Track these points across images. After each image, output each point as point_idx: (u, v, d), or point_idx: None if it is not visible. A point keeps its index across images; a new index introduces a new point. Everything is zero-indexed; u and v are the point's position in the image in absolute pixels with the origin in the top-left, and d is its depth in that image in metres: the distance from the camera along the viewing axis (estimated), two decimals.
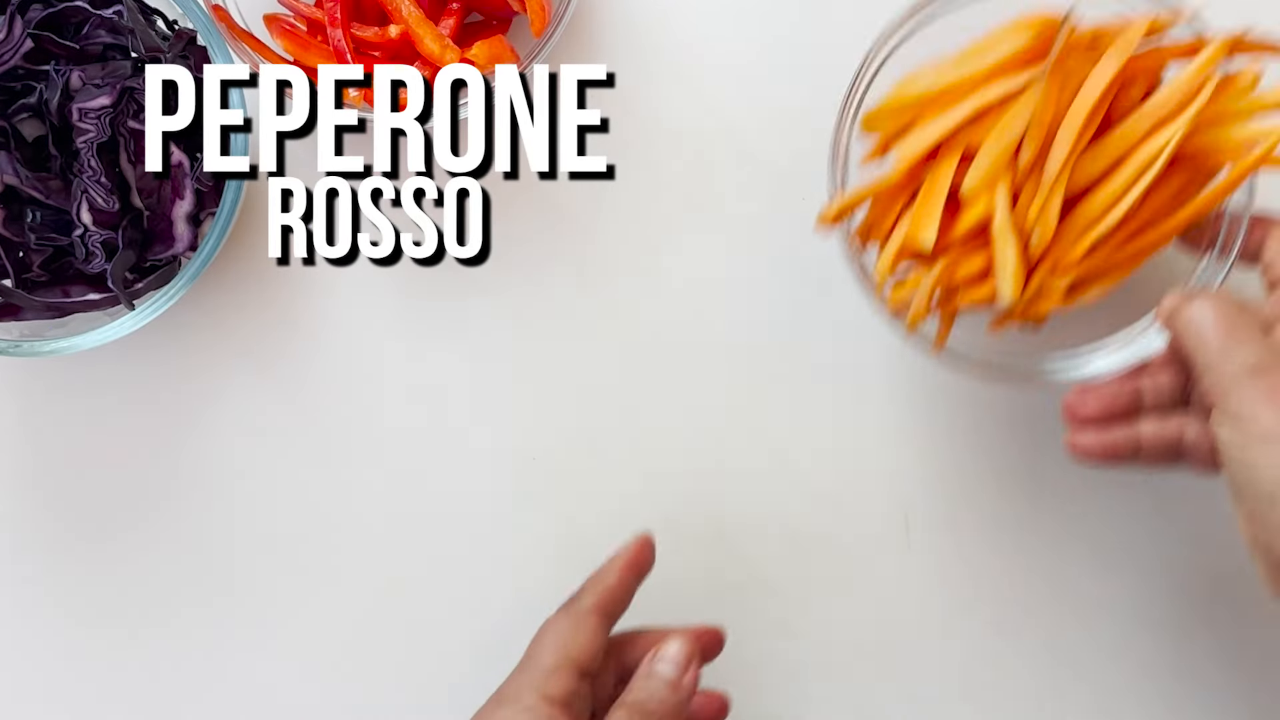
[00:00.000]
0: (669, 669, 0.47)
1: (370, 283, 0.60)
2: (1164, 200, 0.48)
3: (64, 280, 0.56)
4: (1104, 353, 0.51)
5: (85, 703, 0.60)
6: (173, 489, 0.60)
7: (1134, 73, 0.47)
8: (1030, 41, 0.47)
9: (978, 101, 0.47)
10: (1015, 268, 0.47)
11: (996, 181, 0.47)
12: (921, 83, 0.49)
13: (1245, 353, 0.43)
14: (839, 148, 0.50)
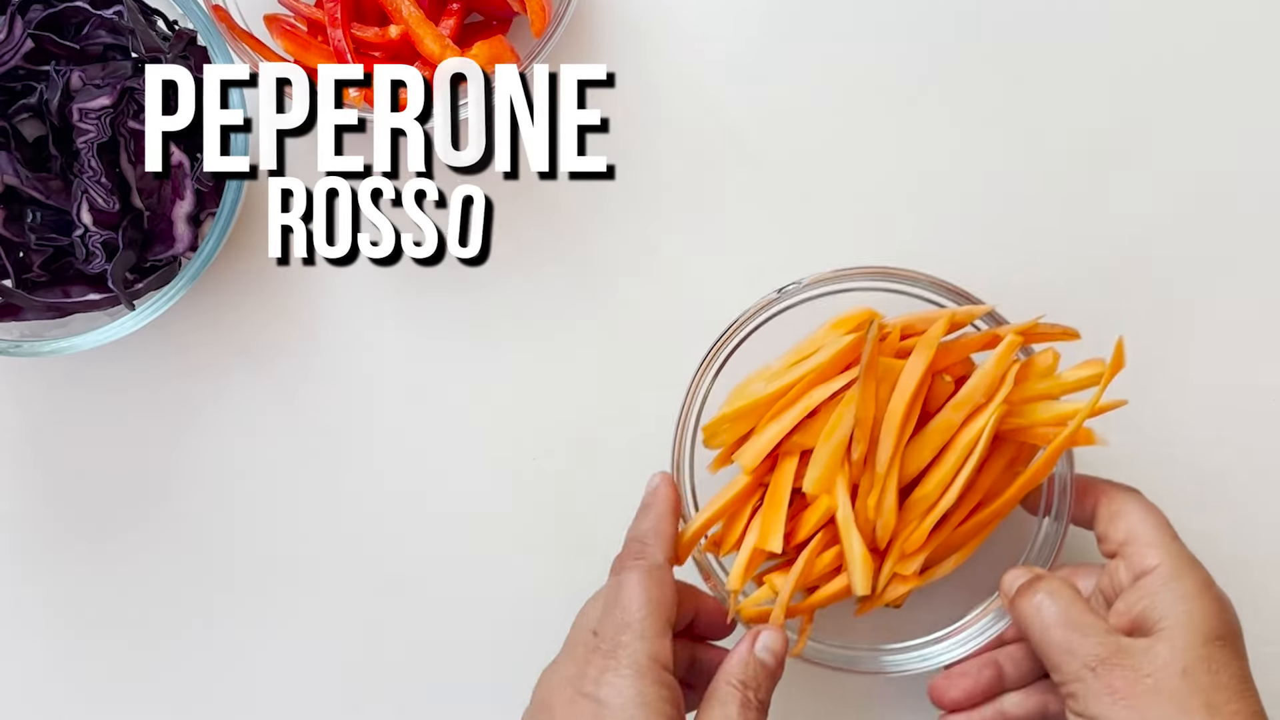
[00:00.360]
0: (771, 660, 0.48)
1: (370, 283, 0.60)
2: (995, 476, 0.51)
3: (64, 280, 0.56)
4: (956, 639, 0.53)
5: (85, 702, 0.60)
6: (173, 488, 0.60)
7: (943, 365, 0.50)
8: (847, 345, 0.51)
9: (805, 405, 0.51)
10: (864, 560, 0.50)
11: (833, 481, 0.50)
12: (752, 391, 0.52)
13: (1087, 647, 0.46)
14: (680, 462, 0.53)
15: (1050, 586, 0.48)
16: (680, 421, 0.53)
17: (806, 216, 0.59)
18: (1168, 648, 0.45)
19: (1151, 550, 0.48)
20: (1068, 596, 0.48)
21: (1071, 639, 0.46)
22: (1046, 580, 0.48)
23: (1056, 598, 0.47)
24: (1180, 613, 0.46)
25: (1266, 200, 0.59)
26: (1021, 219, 0.59)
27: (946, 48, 0.59)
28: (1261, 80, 0.59)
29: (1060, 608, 0.47)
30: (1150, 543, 0.48)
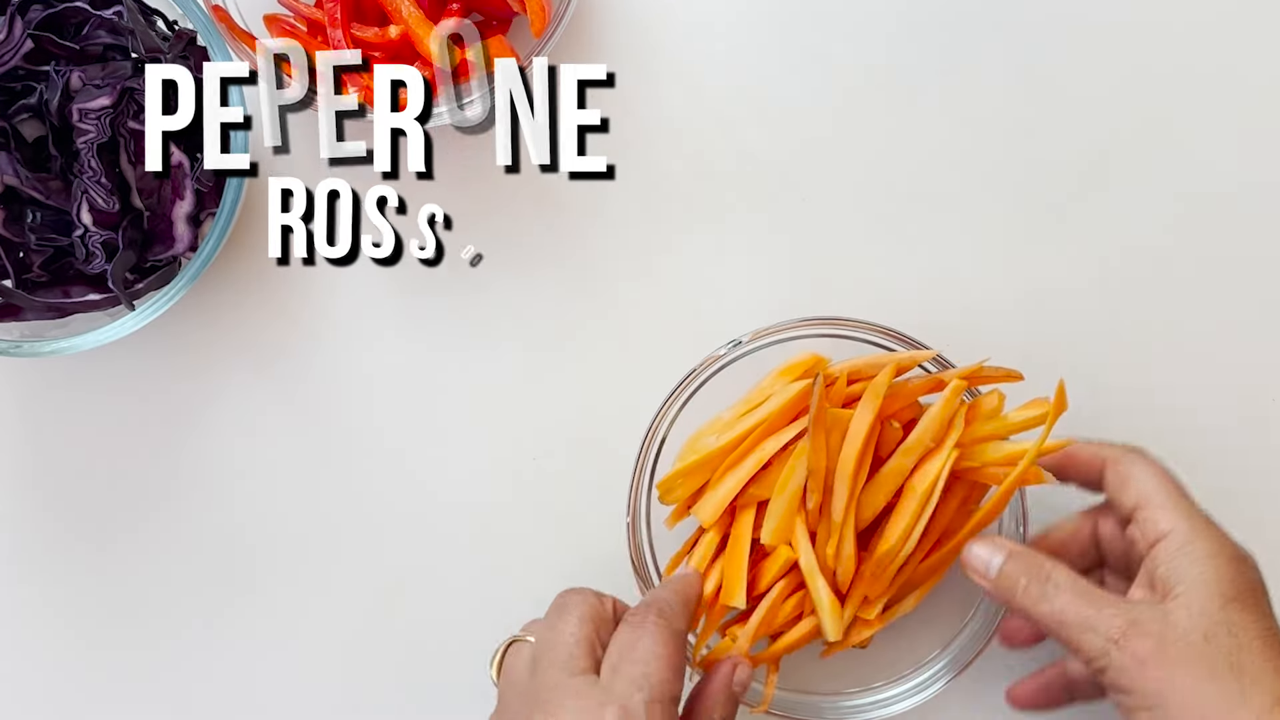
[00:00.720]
0: (742, 693, 0.49)
1: (370, 283, 0.60)
2: (950, 515, 0.52)
3: (64, 280, 0.56)
4: (915, 683, 0.54)
5: (85, 701, 0.60)
6: (173, 488, 0.60)
7: (890, 411, 0.51)
8: (795, 395, 0.51)
9: (759, 458, 0.51)
10: (832, 606, 0.50)
11: (791, 532, 0.51)
12: (704, 445, 0.53)
13: (1105, 620, 0.45)
14: (636, 517, 0.54)
15: (1056, 575, 0.47)
16: (635, 476, 0.53)
17: (806, 216, 0.59)
18: (1185, 614, 0.45)
19: (1163, 514, 0.48)
20: (1068, 576, 0.47)
21: (1087, 615, 0.46)
22: (1053, 569, 0.48)
23: (1059, 582, 0.47)
24: (1195, 577, 0.45)
25: (1213, 236, 0.59)
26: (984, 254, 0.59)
27: (948, 50, 0.59)
28: (1222, 109, 0.59)
29: (1067, 590, 0.47)
30: (1161, 505, 0.48)
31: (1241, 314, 0.59)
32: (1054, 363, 0.56)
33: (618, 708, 0.42)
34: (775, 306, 0.58)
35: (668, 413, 0.53)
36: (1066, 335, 0.58)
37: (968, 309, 0.58)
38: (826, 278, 0.59)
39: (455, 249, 0.58)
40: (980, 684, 0.57)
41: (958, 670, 0.53)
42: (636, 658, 0.44)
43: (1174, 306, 0.58)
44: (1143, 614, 0.45)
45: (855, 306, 0.56)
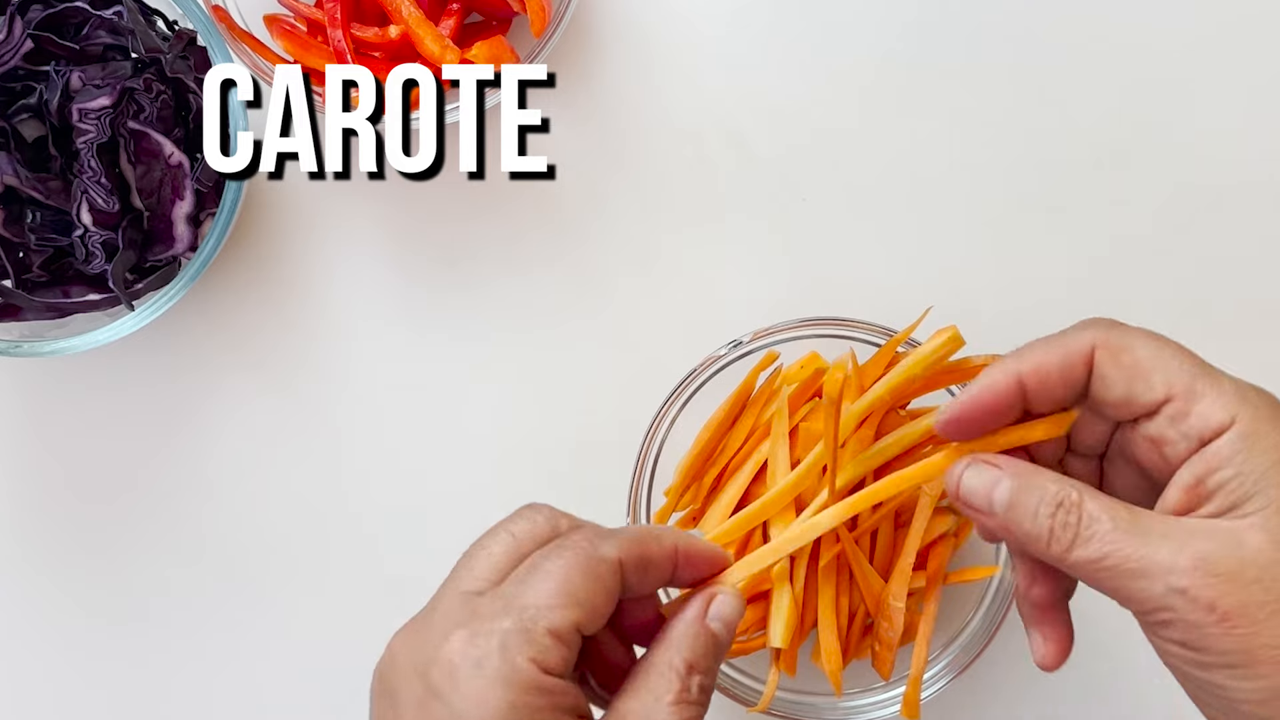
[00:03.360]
0: (724, 631, 0.38)
1: (371, 283, 0.60)
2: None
3: (64, 281, 0.56)
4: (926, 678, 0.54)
5: (85, 701, 0.60)
6: (172, 488, 0.60)
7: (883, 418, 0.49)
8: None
9: (755, 460, 0.52)
10: (789, 615, 0.47)
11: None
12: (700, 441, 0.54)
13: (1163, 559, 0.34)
14: (636, 520, 0.54)
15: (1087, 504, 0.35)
16: (635, 476, 0.54)
17: (805, 216, 0.59)
18: (1265, 537, 0.33)
19: (1213, 401, 0.35)
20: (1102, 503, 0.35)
21: (1139, 556, 0.34)
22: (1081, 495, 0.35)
23: (1093, 513, 0.35)
24: (1274, 485, 0.33)
25: (1212, 235, 0.59)
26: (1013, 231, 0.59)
27: (947, 50, 0.59)
28: (1221, 108, 0.59)
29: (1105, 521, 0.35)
30: (1205, 392, 0.35)
31: (1242, 313, 0.59)
32: None
33: (467, 630, 0.34)
34: (775, 306, 0.58)
35: (668, 413, 0.53)
36: None
37: (967, 308, 0.58)
38: (826, 278, 0.59)
39: (452, 249, 0.58)
40: (980, 685, 0.57)
41: (958, 671, 0.53)
42: (527, 578, 0.35)
43: (1175, 306, 0.58)
44: (1210, 544, 0.33)
45: (855, 307, 0.56)
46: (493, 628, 0.33)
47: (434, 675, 0.33)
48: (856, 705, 0.54)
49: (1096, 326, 0.37)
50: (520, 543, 0.37)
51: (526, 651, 0.33)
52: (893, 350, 0.50)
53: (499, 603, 0.34)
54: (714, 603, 0.38)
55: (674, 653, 0.36)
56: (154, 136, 0.54)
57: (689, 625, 0.37)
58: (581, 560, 0.35)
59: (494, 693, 0.32)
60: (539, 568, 0.35)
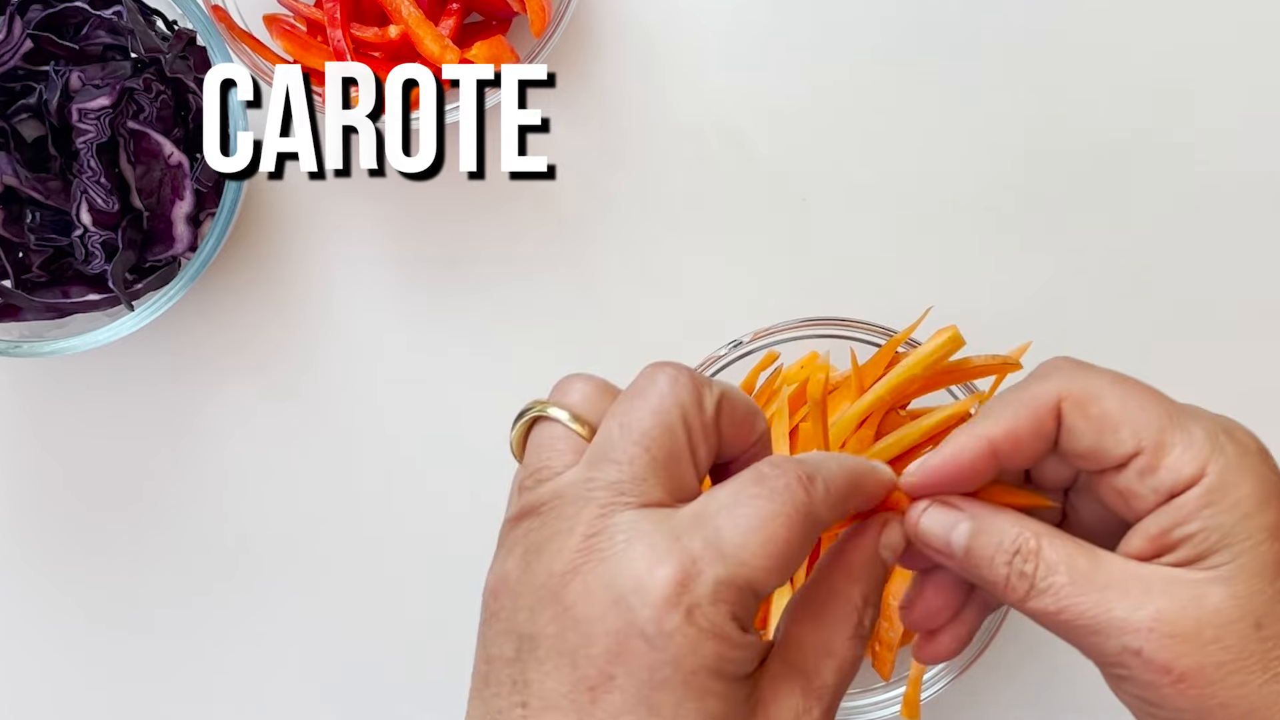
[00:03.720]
0: (892, 559, 0.36)
1: (370, 283, 0.60)
2: None
3: (64, 281, 0.56)
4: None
5: (85, 700, 0.60)
6: (172, 488, 0.60)
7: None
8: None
9: None
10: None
11: None
12: None
13: (1120, 616, 0.33)
14: None
15: (1047, 552, 0.34)
16: None
17: (806, 216, 0.59)
18: (1227, 593, 0.32)
19: (1183, 452, 0.34)
20: (1062, 551, 0.34)
21: (1095, 612, 0.33)
22: (1041, 540, 0.35)
23: (1051, 562, 0.34)
24: (1243, 539, 0.33)
25: (1217, 237, 0.59)
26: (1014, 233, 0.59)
27: (948, 50, 0.59)
28: (1222, 108, 0.59)
29: (1063, 572, 0.34)
30: (1175, 441, 0.34)
31: (1243, 314, 0.59)
32: None
33: (676, 571, 0.30)
34: (775, 306, 0.58)
35: None
36: (1067, 335, 0.58)
37: (967, 309, 0.58)
38: (826, 278, 0.59)
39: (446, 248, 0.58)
40: (980, 685, 0.57)
41: (958, 671, 0.53)
42: (739, 518, 0.31)
43: (1175, 306, 0.58)
44: (1168, 601, 0.32)
45: (855, 307, 0.56)
46: (706, 574, 0.31)
47: (640, 612, 0.30)
48: (857, 705, 0.54)
49: (1061, 374, 0.36)
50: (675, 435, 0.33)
51: (735, 609, 0.31)
52: (893, 350, 0.50)
53: (707, 536, 0.31)
54: (886, 531, 0.36)
55: (851, 583, 0.35)
56: (154, 136, 0.54)
57: (866, 553, 0.35)
58: (800, 519, 0.32)
59: (706, 646, 0.30)
60: (752, 506, 0.32)
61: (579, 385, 0.35)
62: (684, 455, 0.33)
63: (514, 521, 0.34)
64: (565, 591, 0.31)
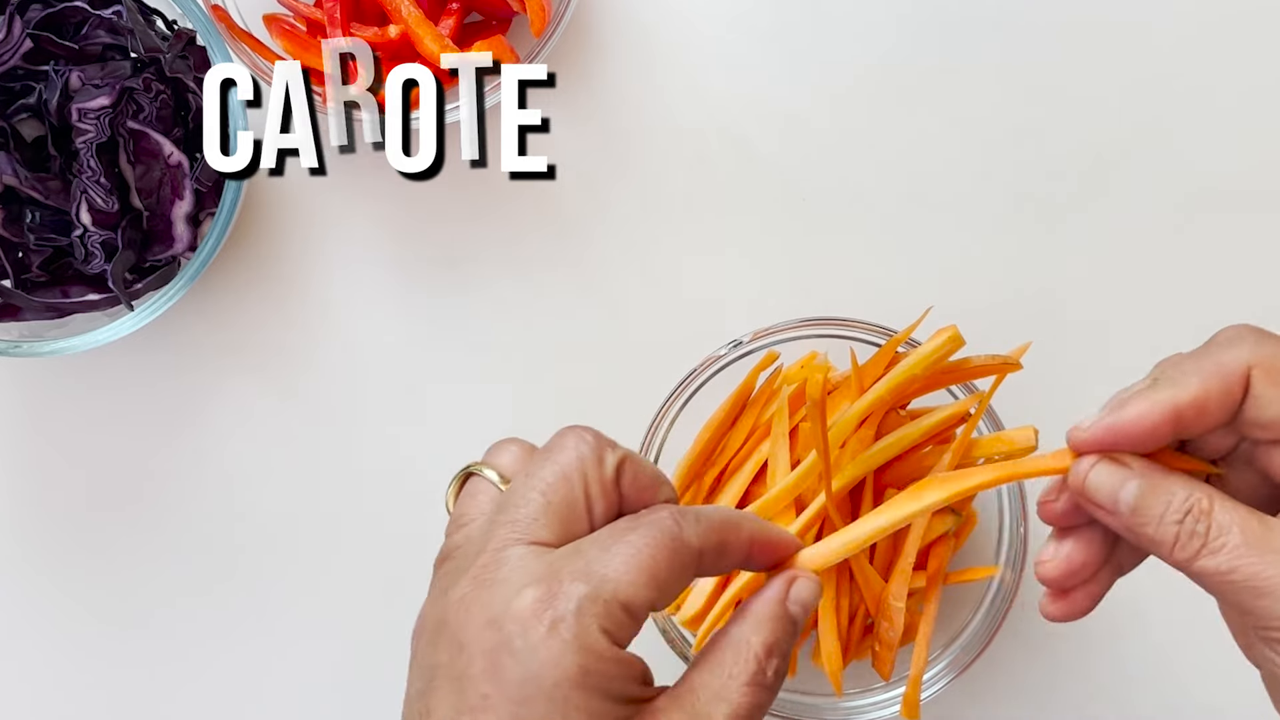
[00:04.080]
0: (801, 615, 0.37)
1: (370, 283, 0.60)
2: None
3: (63, 280, 0.56)
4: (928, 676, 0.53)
5: (85, 700, 0.60)
6: (172, 488, 0.60)
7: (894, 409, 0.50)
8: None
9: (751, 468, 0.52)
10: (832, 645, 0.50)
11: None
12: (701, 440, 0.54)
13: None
14: None
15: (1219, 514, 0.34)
16: None
17: (806, 216, 0.59)
18: None
19: None
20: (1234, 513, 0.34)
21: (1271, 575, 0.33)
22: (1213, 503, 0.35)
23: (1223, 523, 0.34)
24: None
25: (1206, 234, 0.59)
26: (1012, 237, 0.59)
27: (948, 50, 0.59)
28: (1222, 109, 0.59)
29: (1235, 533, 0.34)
30: None
31: (1243, 313, 0.58)
32: (1054, 363, 0.56)
33: (544, 589, 0.32)
34: (775, 306, 0.58)
35: (668, 412, 0.53)
36: (1067, 335, 0.58)
37: (967, 309, 0.57)
38: (826, 278, 0.59)
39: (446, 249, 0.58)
40: (980, 685, 0.57)
41: (958, 671, 0.53)
42: (610, 546, 0.34)
43: (1176, 306, 0.58)
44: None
45: (855, 307, 0.56)
46: (570, 591, 0.33)
47: (508, 628, 0.32)
48: (857, 705, 0.54)
49: (1246, 342, 0.36)
50: (572, 486, 0.35)
51: (602, 622, 0.32)
52: (893, 350, 0.50)
53: (578, 563, 0.33)
54: (794, 586, 0.37)
55: (753, 633, 0.35)
56: (153, 136, 0.54)
57: (770, 606, 0.36)
58: (667, 543, 0.34)
59: (568, 657, 0.32)
60: (623, 539, 0.34)
61: (509, 448, 0.38)
62: (579, 505, 0.35)
63: (436, 566, 0.37)
64: (454, 619, 0.34)
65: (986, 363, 0.49)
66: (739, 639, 0.35)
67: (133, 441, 0.60)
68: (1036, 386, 0.52)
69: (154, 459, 0.60)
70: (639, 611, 0.33)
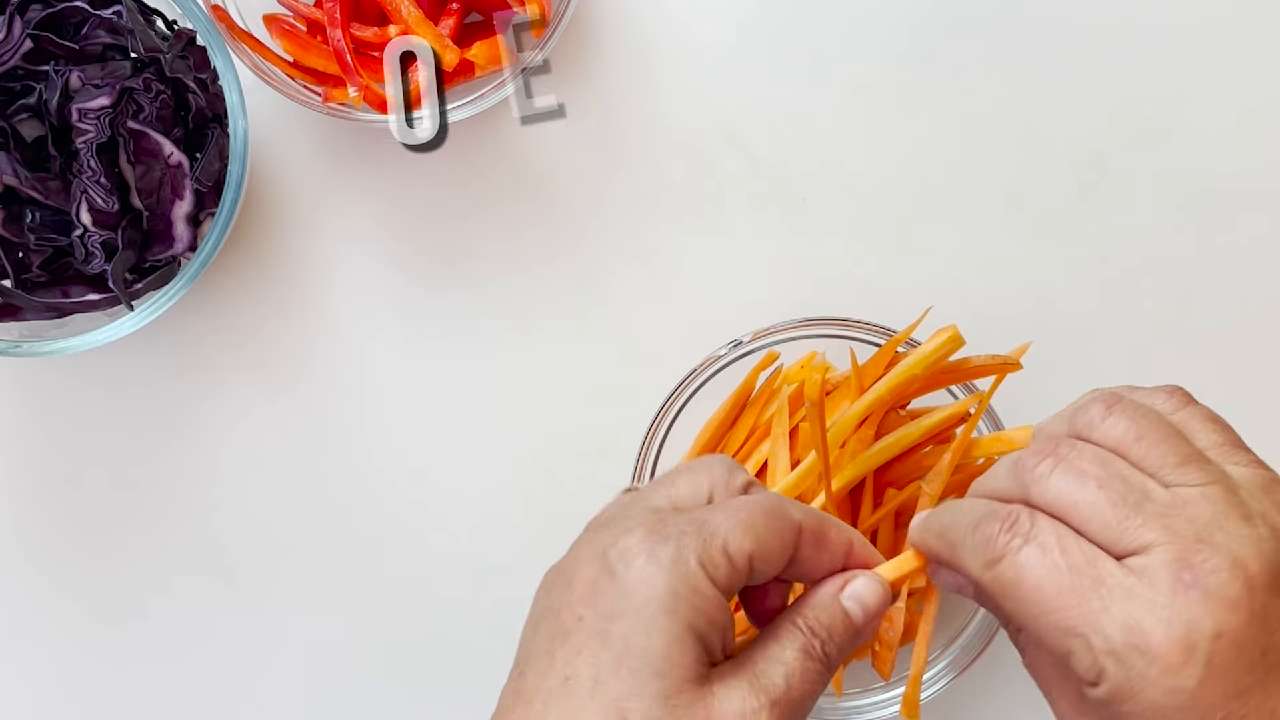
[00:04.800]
0: (858, 613, 0.38)
1: (370, 282, 0.60)
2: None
3: (64, 281, 0.56)
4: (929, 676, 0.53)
5: (86, 699, 0.60)
6: (172, 488, 0.60)
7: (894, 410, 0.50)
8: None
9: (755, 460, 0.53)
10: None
11: None
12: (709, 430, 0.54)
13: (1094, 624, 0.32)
14: None
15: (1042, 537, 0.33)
16: (635, 476, 0.54)
17: (806, 216, 0.59)
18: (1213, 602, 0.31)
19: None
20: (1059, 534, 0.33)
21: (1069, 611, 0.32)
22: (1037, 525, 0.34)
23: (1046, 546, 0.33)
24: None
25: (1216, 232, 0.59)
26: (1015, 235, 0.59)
27: (948, 49, 0.59)
28: (1222, 108, 0.59)
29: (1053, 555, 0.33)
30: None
31: (1243, 313, 0.59)
32: (1055, 363, 0.56)
33: (651, 528, 0.35)
34: (775, 306, 0.58)
35: (668, 413, 0.53)
36: (1068, 335, 0.58)
37: (968, 310, 0.58)
38: (826, 278, 0.59)
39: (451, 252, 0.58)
40: (980, 685, 0.57)
41: (958, 671, 0.53)
42: (716, 508, 0.36)
43: (1176, 306, 0.58)
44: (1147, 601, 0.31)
45: (855, 306, 0.56)
46: (674, 531, 0.35)
47: (611, 556, 0.35)
48: (856, 705, 0.54)
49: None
50: (700, 485, 0.38)
51: (700, 554, 0.35)
52: (893, 350, 0.50)
53: (685, 518, 0.36)
54: (851, 583, 0.38)
55: (803, 615, 0.37)
56: (153, 136, 0.54)
57: (821, 596, 0.38)
58: (769, 507, 0.37)
59: (660, 579, 0.34)
60: (729, 503, 0.37)
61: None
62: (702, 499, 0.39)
63: None
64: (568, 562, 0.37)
65: (986, 363, 0.49)
66: (790, 616, 0.37)
67: (133, 441, 0.60)
68: (1036, 387, 0.52)
69: (154, 459, 0.60)
70: (738, 558, 0.35)
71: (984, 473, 0.38)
